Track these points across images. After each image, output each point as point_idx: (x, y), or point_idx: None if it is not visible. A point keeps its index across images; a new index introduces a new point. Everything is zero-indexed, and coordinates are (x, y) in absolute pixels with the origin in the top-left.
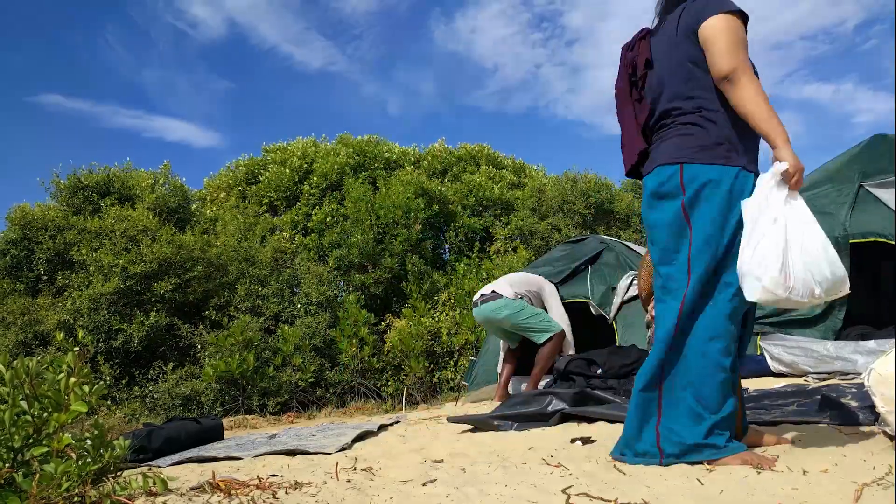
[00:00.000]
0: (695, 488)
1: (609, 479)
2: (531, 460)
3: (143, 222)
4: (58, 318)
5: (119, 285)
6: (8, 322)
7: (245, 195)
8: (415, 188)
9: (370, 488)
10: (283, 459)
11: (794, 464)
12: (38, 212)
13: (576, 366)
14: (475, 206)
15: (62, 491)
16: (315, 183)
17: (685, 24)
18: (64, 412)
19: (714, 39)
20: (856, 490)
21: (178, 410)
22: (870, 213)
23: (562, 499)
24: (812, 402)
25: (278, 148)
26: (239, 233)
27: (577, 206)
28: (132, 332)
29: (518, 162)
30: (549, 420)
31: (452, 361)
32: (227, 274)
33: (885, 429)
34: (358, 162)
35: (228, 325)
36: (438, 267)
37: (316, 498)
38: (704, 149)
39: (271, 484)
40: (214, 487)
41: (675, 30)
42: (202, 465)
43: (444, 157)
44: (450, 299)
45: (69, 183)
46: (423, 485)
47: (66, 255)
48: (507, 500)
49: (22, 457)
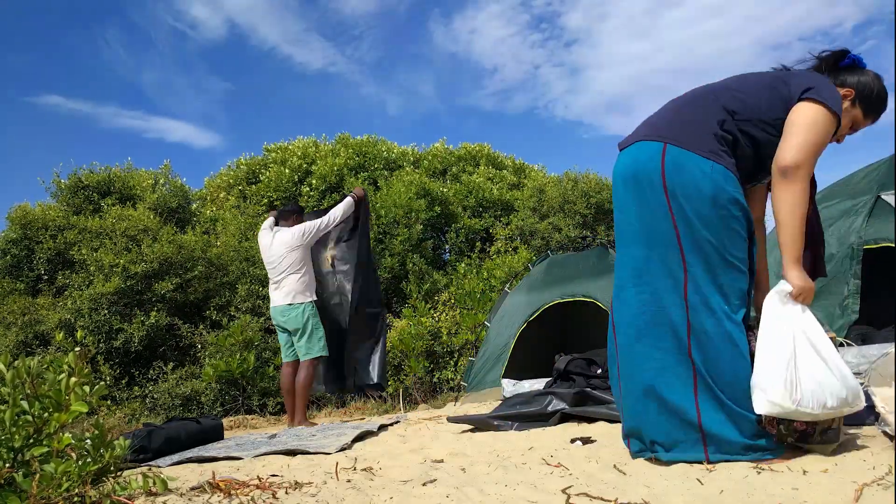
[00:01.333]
0: (694, 488)
1: (609, 479)
2: (531, 460)
3: (144, 222)
4: (58, 318)
5: (119, 285)
6: (8, 322)
7: (245, 195)
8: (416, 188)
9: (370, 488)
10: (283, 459)
11: (794, 464)
12: (38, 211)
13: (576, 366)
14: (475, 206)
15: (62, 491)
16: (315, 185)
17: (784, 94)
18: (64, 412)
19: (797, 127)
20: (856, 490)
21: (178, 410)
22: (883, 220)
23: (562, 499)
24: None
25: (279, 147)
26: (239, 233)
27: (578, 207)
28: (132, 331)
29: (518, 162)
30: (549, 420)
31: (452, 361)
32: (227, 274)
33: (885, 429)
34: (358, 162)
35: (229, 325)
36: (439, 267)
37: (316, 498)
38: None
39: (271, 484)
40: (214, 487)
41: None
42: (202, 465)
43: (443, 157)
44: (450, 299)
45: (70, 183)
46: (423, 485)
47: (67, 254)
48: (507, 500)
49: (22, 457)
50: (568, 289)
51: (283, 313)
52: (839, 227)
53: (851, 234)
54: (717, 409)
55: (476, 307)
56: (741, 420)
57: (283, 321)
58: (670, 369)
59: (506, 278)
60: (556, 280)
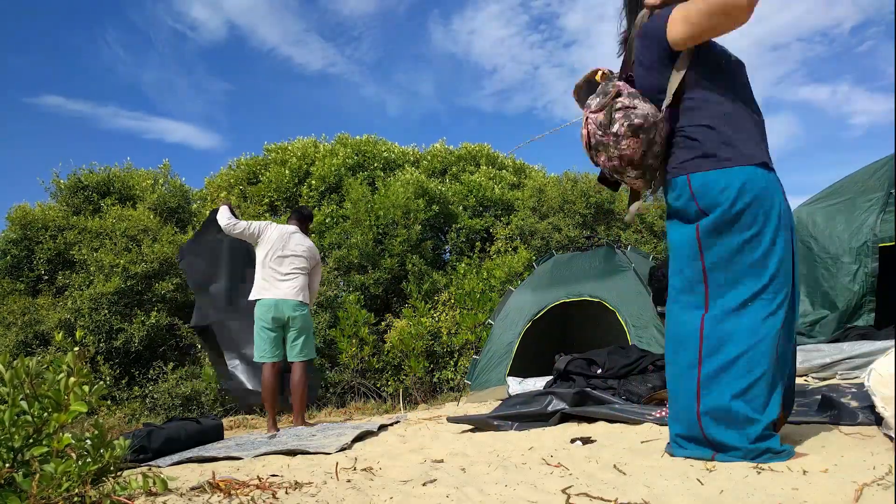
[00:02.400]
0: (694, 488)
1: (609, 479)
2: (531, 460)
3: (144, 222)
4: (58, 318)
5: (120, 285)
6: (8, 322)
7: (245, 195)
8: (415, 188)
9: (370, 488)
10: (283, 459)
11: (794, 464)
12: (38, 212)
13: (576, 366)
14: (475, 206)
15: (62, 491)
16: (314, 185)
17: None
18: (64, 412)
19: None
20: (856, 490)
21: (178, 410)
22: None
23: (562, 499)
24: (812, 402)
25: (279, 147)
26: None
27: (578, 206)
28: (133, 331)
29: (518, 162)
30: (549, 420)
31: (452, 361)
32: None
33: (886, 431)
34: (357, 162)
35: None
36: (439, 267)
37: (316, 498)
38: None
39: (271, 484)
40: (214, 487)
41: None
42: (202, 465)
43: (443, 157)
44: (450, 299)
45: (69, 183)
46: (423, 485)
47: (67, 254)
48: (507, 499)
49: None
50: (574, 288)
51: (296, 308)
52: (852, 224)
53: (864, 231)
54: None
55: (476, 307)
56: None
57: (292, 315)
58: None
59: (506, 278)
60: (561, 279)
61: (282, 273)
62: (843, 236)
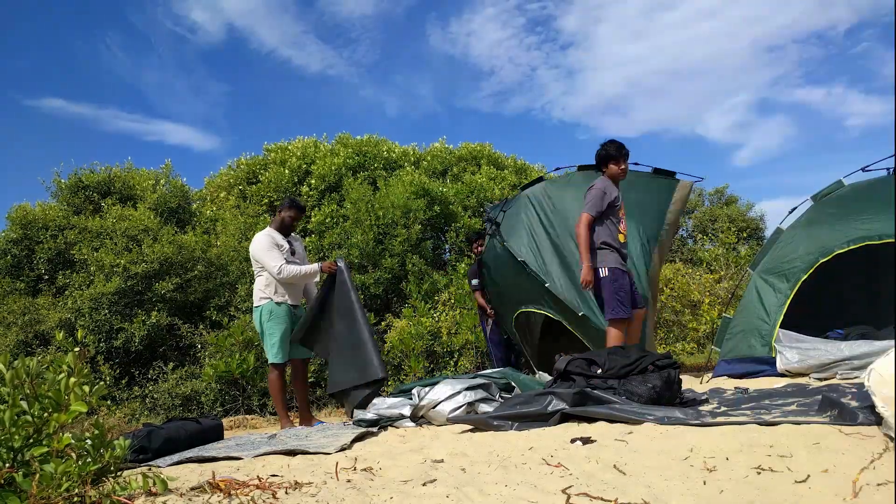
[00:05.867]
0: (694, 488)
1: (609, 479)
2: (531, 460)
3: (145, 222)
4: (58, 318)
5: (120, 285)
6: (8, 322)
7: (245, 195)
8: (415, 188)
9: (370, 488)
10: (283, 459)
11: (794, 464)
12: (39, 211)
13: (576, 366)
14: (477, 206)
15: (62, 491)
16: (314, 185)
17: None
18: (64, 412)
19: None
20: (856, 490)
21: (178, 410)
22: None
23: (562, 499)
24: (812, 402)
25: (279, 147)
26: (239, 233)
27: None
28: (133, 331)
29: (520, 162)
30: (549, 420)
31: (452, 361)
32: (227, 274)
33: (886, 431)
34: (357, 162)
35: (229, 325)
36: (439, 267)
37: (316, 498)
38: None
39: (271, 484)
40: (214, 487)
41: None
42: (202, 465)
43: (444, 157)
44: (450, 299)
45: (70, 182)
46: (423, 485)
47: (67, 254)
48: (507, 499)
49: (22, 457)
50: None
51: (301, 310)
52: (860, 224)
53: (874, 231)
54: None
55: (475, 307)
56: None
57: (297, 318)
58: None
59: None
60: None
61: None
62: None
